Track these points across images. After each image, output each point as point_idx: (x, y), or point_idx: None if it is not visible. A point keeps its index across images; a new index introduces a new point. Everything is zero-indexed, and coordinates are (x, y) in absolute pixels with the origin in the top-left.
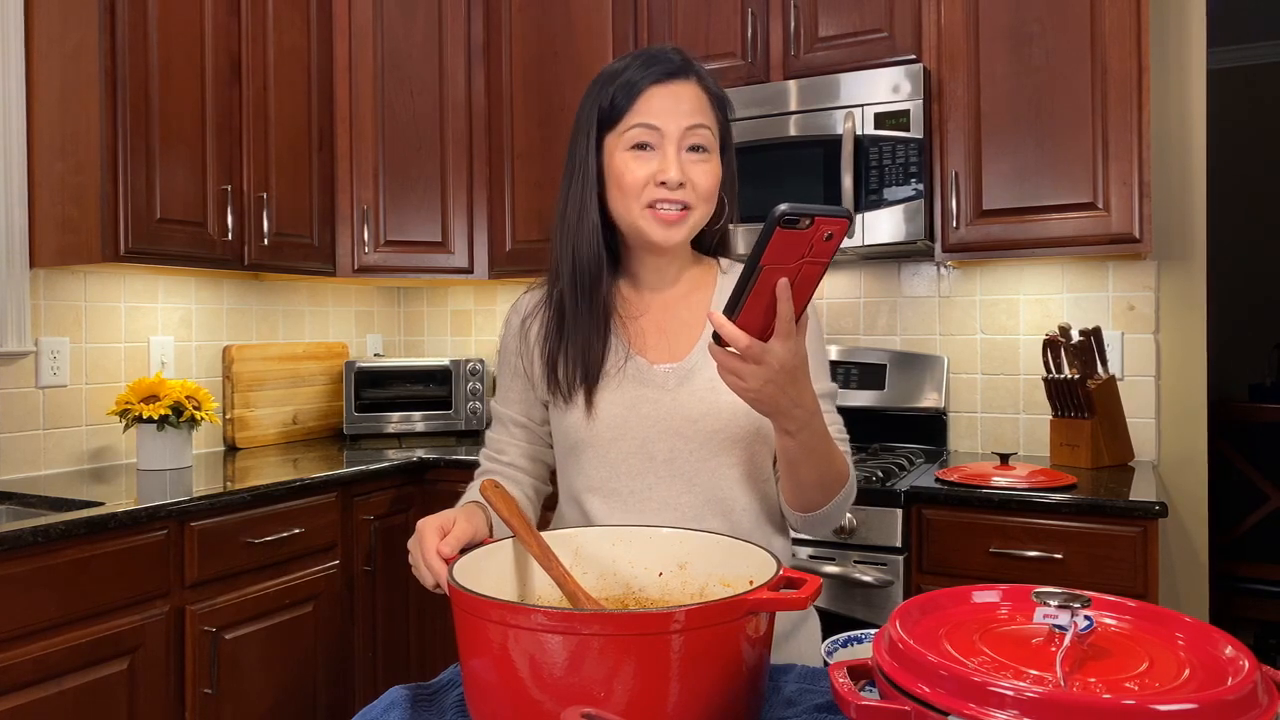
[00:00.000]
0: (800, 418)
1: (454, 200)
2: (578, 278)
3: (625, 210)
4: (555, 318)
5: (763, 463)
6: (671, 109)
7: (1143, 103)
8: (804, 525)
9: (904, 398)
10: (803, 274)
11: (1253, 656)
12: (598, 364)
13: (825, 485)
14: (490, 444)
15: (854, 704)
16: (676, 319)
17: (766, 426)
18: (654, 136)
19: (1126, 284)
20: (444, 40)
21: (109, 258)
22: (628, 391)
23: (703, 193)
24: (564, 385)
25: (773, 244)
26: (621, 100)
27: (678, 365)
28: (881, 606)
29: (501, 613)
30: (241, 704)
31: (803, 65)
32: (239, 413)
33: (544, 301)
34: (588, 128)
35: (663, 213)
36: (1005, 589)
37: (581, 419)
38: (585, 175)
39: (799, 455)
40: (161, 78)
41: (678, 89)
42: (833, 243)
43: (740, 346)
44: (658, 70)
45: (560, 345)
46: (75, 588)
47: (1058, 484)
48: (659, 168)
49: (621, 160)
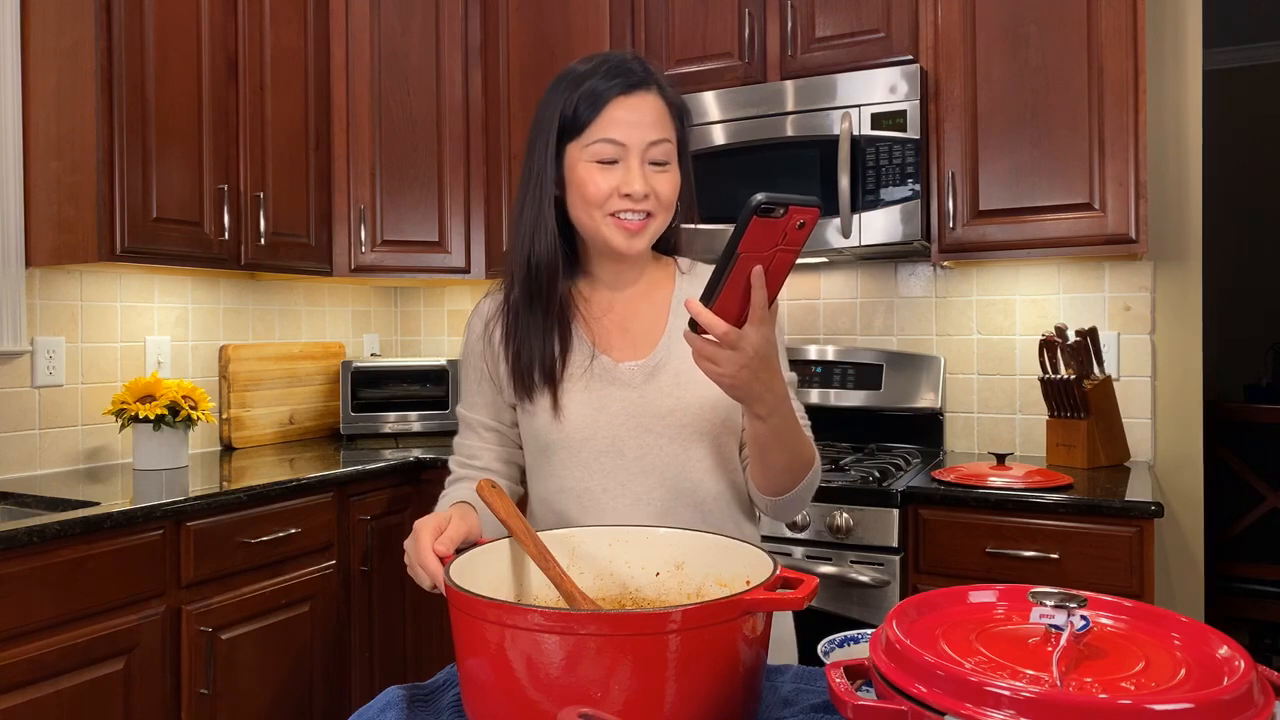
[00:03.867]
0: (771, 402)
1: (451, 200)
2: (531, 280)
3: (588, 218)
4: (511, 317)
5: (730, 452)
6: (635, 123)
7: (1139, 103)
8: (772, 509)
9: (900, 398)
10: (776, 261)
11: (1248, 656)
12: (557, 363)
13: (793, 469)
14: (460, 450)
15: (851, 704)
16: (639, 317)
17: (733, 417)
18: (618, 151)
19: (1122, 284)
20: (441, 41)
21: (105, 257)
22: (595, 391)
23: (665, 202)
24: (528, 385)
25: (750, 232)
26: (585, 111)
27: (643, 362)
28: (878, 606)
29: (498, 613)
30: (237, 704)
31: (799, 65)
32: (235, 412)
33: (502, 304)
34: (548, 133)
35: (626, 221)
36: (1001, 589)
37: (549, 420)
38: (543, 181)
39: (770, 440)
40: (158, 77)
41: (640, 101)
42: (804, 231)
43: (718, 332)
44: (622, 82)
45: (520, 347)
46: (71, 588)
47: (1054, 484)
48: (623, 179)
49: (585, 171)
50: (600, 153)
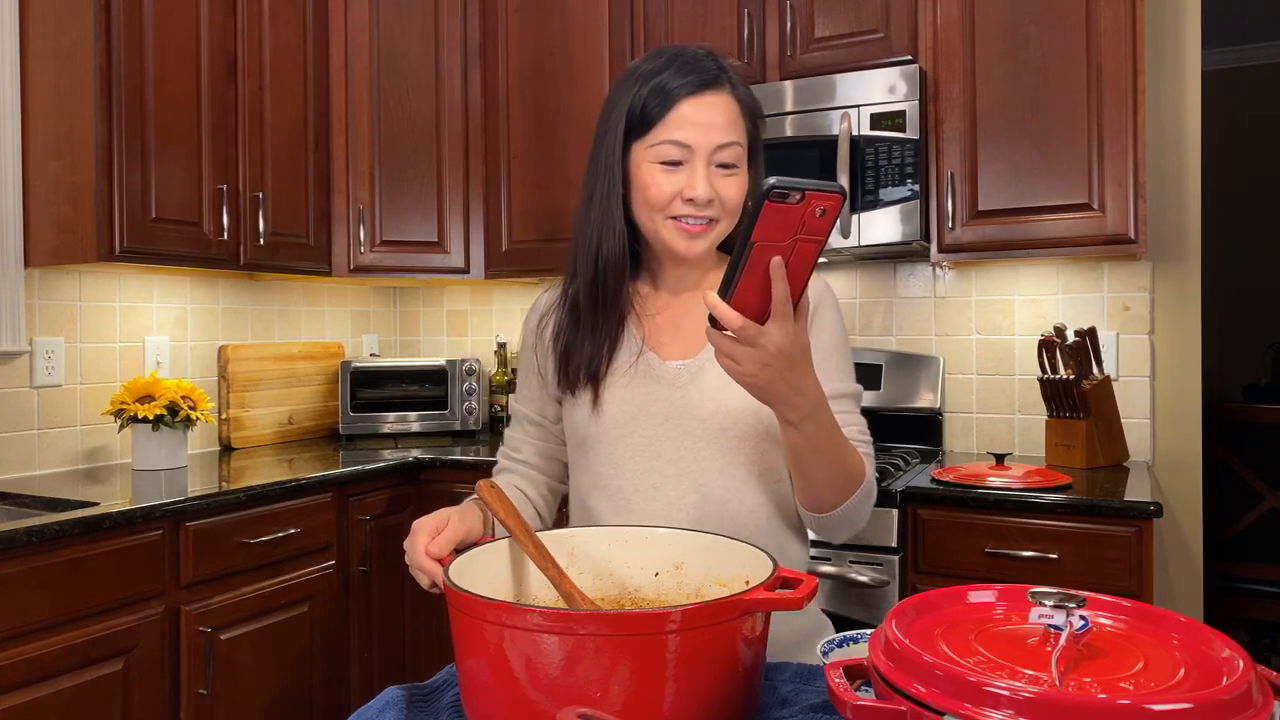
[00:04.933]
0: (802, 407)
1: (450, 200)
2: (599, 278)
3: (649, 219)
4: (569, 313)
5: (775, 464)
6: (704, 125)
7: (1138, 104)
8: (819, 527)
9: (899, 398)
10: (797, 253)
11: (1247, 656)
12: (603, 360)
13: (836, 484)
14: (507, 441)
15: (850, 704)
16: (692, 315)
17: (777, 425)
18: (684, 154)
19: (1121, 285)
20: (440, 41)
21: (104, 257)
22: (638, 388)
23: (729, 207)
24: (572, 381)
25: (762, 219)
26: (654, 109)
27: (690, 361)
28: (877, 606)
29: (497, 613)
30: (237, 704)
31: (799, 66)
32: (234, 413)
33: (560, 298)
34: (615, 130)
35: (687, 225)
36: (1001, 589)
37: (588, 414)
38: (611, 178)
39: (804, 448)
40: (157, 77)
41: (711, 101)
42: (826, 219)
43: (734, 327)
44: (693, 80)
45: (572, 341)
46: (70, 588)
47: (1053, 484)
48: (687, 183)
49: (649, 172)
50: (665, 154)
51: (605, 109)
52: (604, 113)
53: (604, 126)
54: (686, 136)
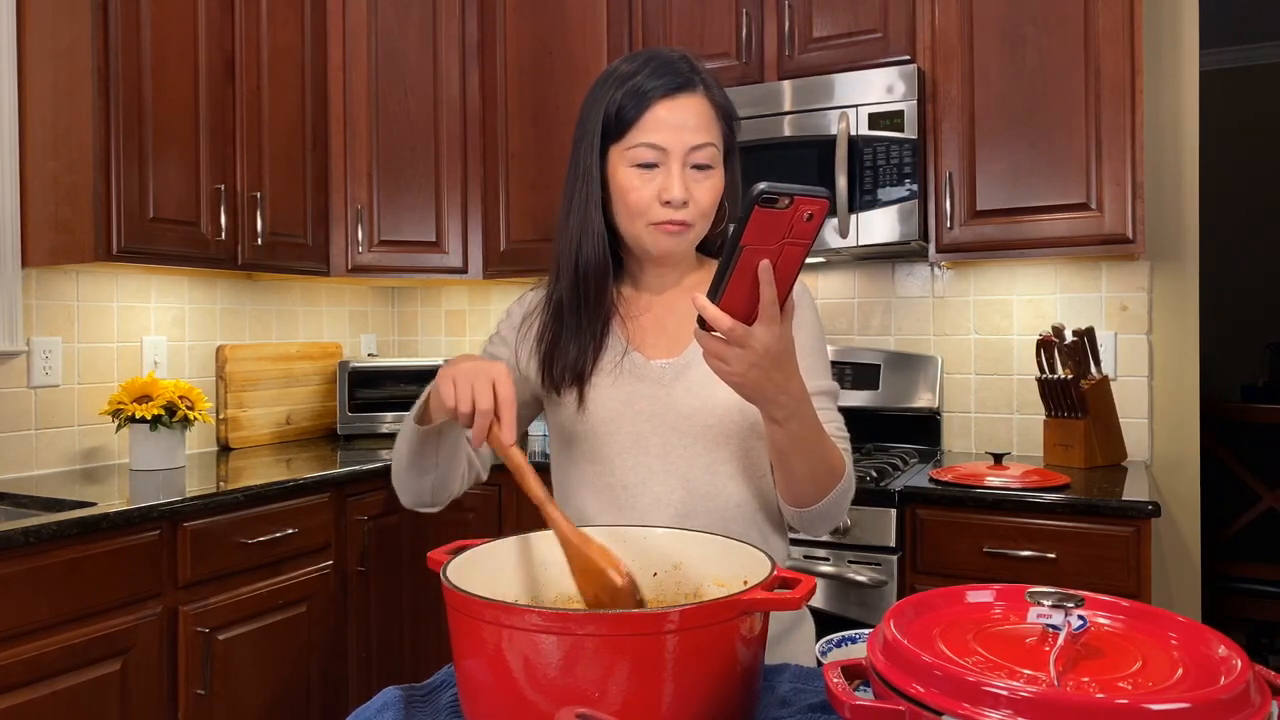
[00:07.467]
0: (787, 405)
1: (448, 200)
2: (580, 282)
3: (629, 224)
4: (554, 317)
5: (759, 460)
6: (678, 127)
7: (1136, 104)
8: (800, 522)
9: (898, 398)
10: (785, 256)
11: (1245, 656)
12: (592, 360)
13: (817, 479)
14: None
15: (848, 704)
16: (675, 315)
17: (761, 422)
18: (659, 156)
19: (1120, 284)
20: (438, 40)
21: (102, 257)
22: (623, 387)
23: (704, 209)
24: (557, 381)
25: (752, 223)
26: (629, 112)
27: (674, 360)
28: (876, 606)
29: (495, 613)
30: (235, 705)
31: (797, 65)
32: (232, 413)
33: (544, 302)
34: (592, 134)
35: (665, 228)
36: (999, 589)
37: (573, 412)
38: (589, 182)
39: (788, 445)
40: (155, 76)
41: (685, 103)
42: (813, 224)
43: (723, 329)
44: (666, 83)
45: (556, 343)
46: (67, 588)
47: (1051, 484)
48: (663, 185)
49: (625, 177)
50: (640, 156)
51: (582, 113)
52: (581, 116)
53: (581, 130)
54: (661, 139)
